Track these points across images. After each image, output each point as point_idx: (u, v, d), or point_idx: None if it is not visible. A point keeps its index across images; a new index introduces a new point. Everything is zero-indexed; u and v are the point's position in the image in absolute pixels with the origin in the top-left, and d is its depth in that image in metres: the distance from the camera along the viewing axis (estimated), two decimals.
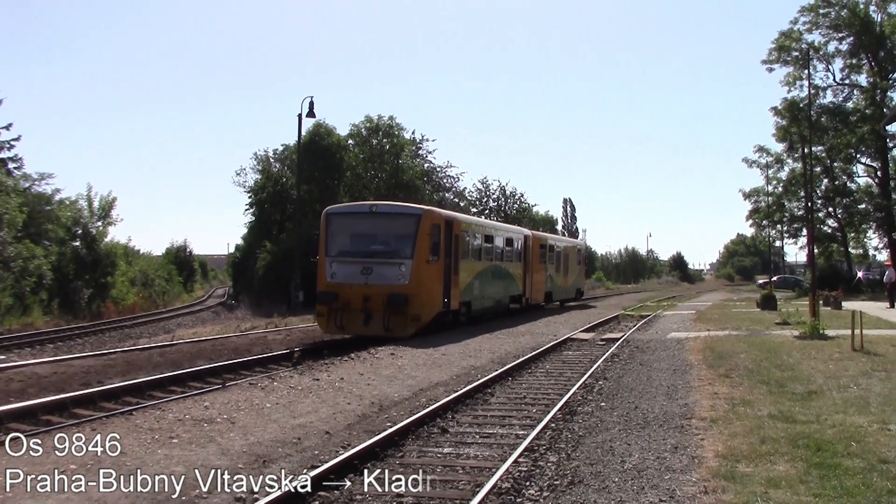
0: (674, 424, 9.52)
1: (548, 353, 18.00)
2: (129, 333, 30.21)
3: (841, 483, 6.80)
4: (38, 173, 43.13)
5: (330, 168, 47.21)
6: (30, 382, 13.57)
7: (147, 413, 10.02)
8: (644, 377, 13.72)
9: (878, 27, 52.23)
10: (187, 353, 18.10)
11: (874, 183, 55.32)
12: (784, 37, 54.22)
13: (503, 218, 62.96)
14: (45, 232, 40.89)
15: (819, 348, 17.00)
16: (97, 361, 16.27)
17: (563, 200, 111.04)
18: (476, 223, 28.22)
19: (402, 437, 9.24)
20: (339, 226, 21.85)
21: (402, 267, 20.40)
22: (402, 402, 11.73)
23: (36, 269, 35.58)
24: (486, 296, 26.25)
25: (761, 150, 58.76)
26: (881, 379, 12.70)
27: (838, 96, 55.62)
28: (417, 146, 54.95)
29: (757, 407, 10.41)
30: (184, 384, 13.88)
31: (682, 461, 7.73)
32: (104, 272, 43.33)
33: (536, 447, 8.72)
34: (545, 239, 36.64)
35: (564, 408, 10.98)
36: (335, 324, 20.37)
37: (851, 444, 8.20)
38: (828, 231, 57.33)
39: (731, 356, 15.98)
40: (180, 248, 76.64)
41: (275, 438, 9.02)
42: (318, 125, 45.94)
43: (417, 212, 21.71)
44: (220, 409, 10.25)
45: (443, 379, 13.98)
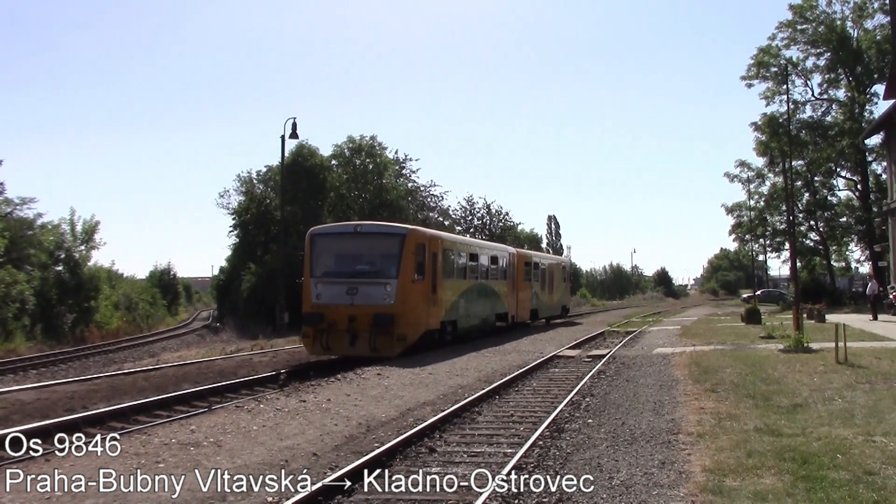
0: (661, 440, 9.54)
1: (534, 370, 18.01)
2: (113, 358, 29.95)
3: (827, 495, 6.83)
4: (19, 198, 43.04)
5: (313, 189, 47.20)
6: (13, 408, 13.45)
7: (132, 438, 9.95)
8: (631, 393, 13.74)
9: (854, 42, 53.00)
10: (172, 376, 17.99)
11: (855, 196, 55.90)
12: (762, 52, 54.94)
13: (488, 236, 63.12)
14: (27, 257, 40.66)
15: (804, 361, 17.08)
16: (81, 387, 16.15)
17: (548, 218, 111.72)
18: (461, 242, 28.27)
19: (390, 457, 9.22)
20: (324, 246, 21.82)
21: (387, 287, 20.39)
22: (390, 423, 11.70)
23: (18, 295, 35.33)
24: (471, 314, 26.26)
25: (742, 165, 59.41)
26: (865, 391, 12.77)
27: (817, 111, 56.38)
28: (401, 165, 55.15)
29: (743, 421, 10.44)
30: (169, 408, 13.78)
31: (670, 476, 7.75)
32: (87, 296, 43.03)
33: (525, 465, 8.71)
34: (530, 256, 36.74)
35: (552, 425, 10.99)
36: (321, 345, 20.31)
37: (837, 456, 8.24)
38: (810, 244, 57.84)
39: (716, 371, 16.03)
40: (164, 271, 76.26)
41: (262, 461, 8.98)
42: (300, 146, 46.01)
43: (402, 231, 21.74)
44: (207, 433, 10.19)
45: (430, 398, 13.95)
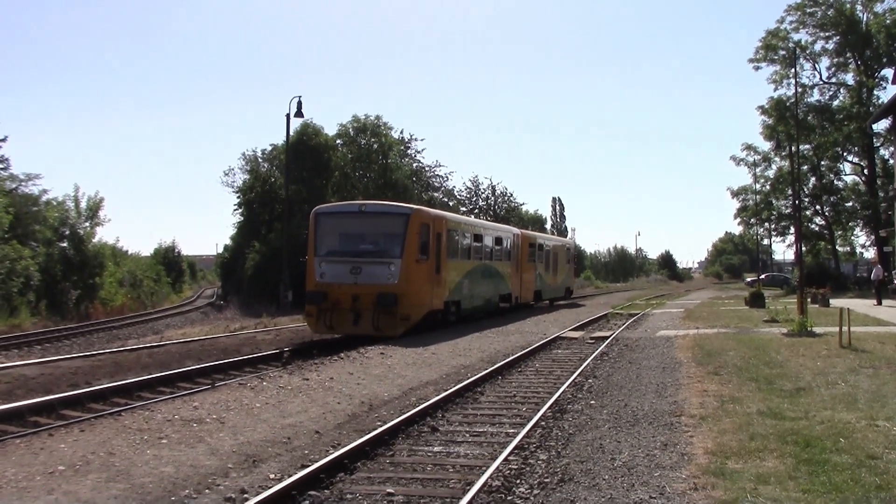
0: (663, 422, 9.55)
1: (537, 351, 18.01)
2: (117, 334, 30.02)
3: (829, 478, 6.83)
4: (24, 174, 42.66)
5: (318, 168, 47.15)
6: (17, 384, 13.48)
7: (136, 414, 9.97)
8: (633, 375, 13.75)
9: (864, 26, 52.58)
10: (176, 353, 18.03)
11: (861, 181, 55.68)
12: (771, 35, 54.54)
13: (493, 217, 63.03)
14: (32, 233, 40.56)
15: (807, 345, 17.08)
16: (85, 362, 16.19)
17: (553, 199, 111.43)
18: (465, 222, 28.22)
19: (393, 436, 9.23)
20: (329, 225, 21.80)
21: (391, 266, 20.37)
22: (392, 402, 11.72)
23: (23, 271, 35.31)
24: (475, 295, 26.25)
25: (749, 149, 59.22)
26: (869, 375, 12.77)
27: (825, 95, 56.10)
28: (406, 146, 54.95)
29: (746, 404, 10.44)
30: (173, 385, 13.81)
31: (672, 458, 7.75)
32: (92, 273, 43.08)
33: (527, 445, 8.71)
34: (534, 238, 36.67)
35: (554, 406, 10.99)
36: (324, 323, 20.32)
37: (840, 440, 8.24)
38: (815, 229, 57.71)
39: (719, 354, 16.03)
40: (169, 249, 76.42)
41: (265, 438, 9.00)
42: (305, 125, 45.85)
43: (406, 211, 21.69)
44: (210, 410, 10.21)
45: (433, 378, 13.97)
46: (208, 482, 7.24)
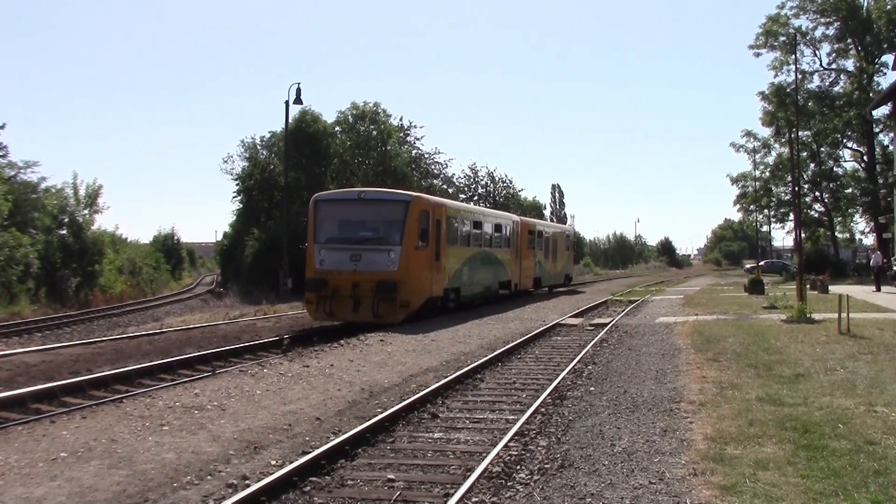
0: (663, 408, 9.59)
1: (537, 338, 18.05)
2: (117, 322, 30.05)
3: (828, 464, 6.87)
4: (23, 161, 42.61)
5: (317, 155, 47.09)
6: (18, 371, 13.51)
7: (137, 401, 9.99)
8: (633, 361, 13.79)
9: (864, 12, 52.38)
10: (176, 340, 18.05)
11: (861, 167, 55.60)
12: (771, 21, 54.33)
13: (492, 204, 63.00)
14: (31, 220, 40.52)
15: (806, 332, 17.11)
16: (86, 350, 16.21)
17: (552, 186, 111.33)
18: (465, 209, 28.19)
19: (393, 422, 9.27)
20: (328, 212, 21.77)
21: (391, 253, 20.37)
22: (393, 388, 11.76)
23: (22, 258, 35.33)
24: (475, 282, 26.27)
25: (748, 135, 59.16)
26: (867, 362, 12.81)
27: (825, 81, 55.98)
28: (405, 133, 54.86)
29: (745, 390, 10.48)
30: (173, 372, 13.86)
31: (672, 444, 7.79)
32: (91, 260, 43.07)
33: (527, 431, 8.75)
34: (534, 225, 36.65)
35: (554, 392, 11.03)
36: (324, 311, 20.34)
37: (838, 425, 8.27)
38: (815, 215, 57.68)
39: (719, 340, 16.07)
40: (168, 236, 76.32)
41: (265, 425, 9.03)
42: (304, 112, 45.77)
43: (406, 198, 21.66)
44: (211, 397, 10.24)
45: (433, 365, 14.01)
46: (210, 468, 7.28)
